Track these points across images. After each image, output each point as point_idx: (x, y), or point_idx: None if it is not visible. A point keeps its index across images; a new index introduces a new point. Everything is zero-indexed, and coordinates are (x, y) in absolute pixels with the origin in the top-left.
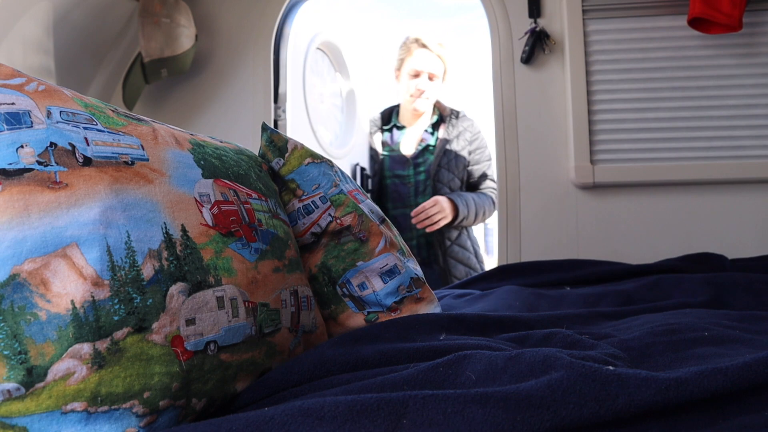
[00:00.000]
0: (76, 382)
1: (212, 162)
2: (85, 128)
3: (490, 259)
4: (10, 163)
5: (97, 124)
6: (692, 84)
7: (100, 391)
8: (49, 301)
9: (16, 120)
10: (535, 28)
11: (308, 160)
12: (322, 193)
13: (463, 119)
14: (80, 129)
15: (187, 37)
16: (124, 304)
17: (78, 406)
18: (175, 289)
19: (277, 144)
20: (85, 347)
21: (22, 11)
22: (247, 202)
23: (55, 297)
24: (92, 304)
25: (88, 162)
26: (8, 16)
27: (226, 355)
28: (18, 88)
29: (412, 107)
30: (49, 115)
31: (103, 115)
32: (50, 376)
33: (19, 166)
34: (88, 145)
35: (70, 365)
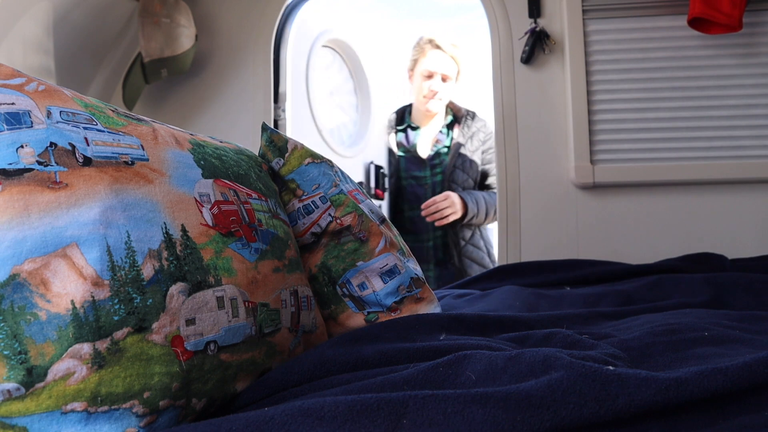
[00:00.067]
0: (76, 382)
1: (212, 162)
2: (85, 128)
3: None
4: (10, 163)
5: (97, 124)
6: (692, 84)
7: (100, 391)
8: (49, 301)
9: (16, 120)
10: (535, 28)
11: (308, 160)
12: (322, 193)
13: (476, 120)
14: (80, 129)
15: (187, 37)
16: (124, 304)
17: (78, 406)
18: (175, 289)
19: (277, 144)
20: (85, 347)
21: (22, 11)
22: (247, 202)
23: (55, 297)
24: (92, 304)
25: (88, 162)
26: (8, 16)
27: (226, 355)
28: (18, 88)
29: (425, 108)
30: (49, 115)
31: (103, 115)
32: (50, 376)
33: (19, 166)
34: (88, 145)
35: (70, 365)
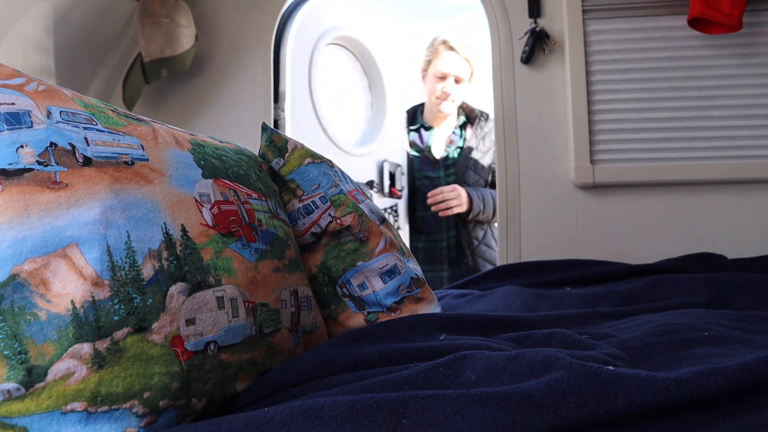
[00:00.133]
0: (76, 382)
1: (212, 162)
2: (85, 128)
3: None
4: (10, 163)
5: (97, 124)
6: (692, 84)
7: (100, 391)
8: (49, 301)
9: (16, 120)
10: (535, 28)
11: (308, 160)
12: (322, 193)
13: (489, 121)
14: (80, 129)
15: (187, 37)
16: (124, 304)
17: (78, 406)
18: (175, 289)
19: (277, 144)
20: (85, 347)
21: (22, 11)
22: (247, 202)
23: (55, 297)
24: (92, 304)
25: (88, 162)
26: (8, 16)
27: (226, 355)
28: (18, 88)
29: (438, 109)
30: (49, 115)
31: (103, 115)
32: (50, 376)
33: (19, 166)
34: (88, 145)
35: (70, 365)
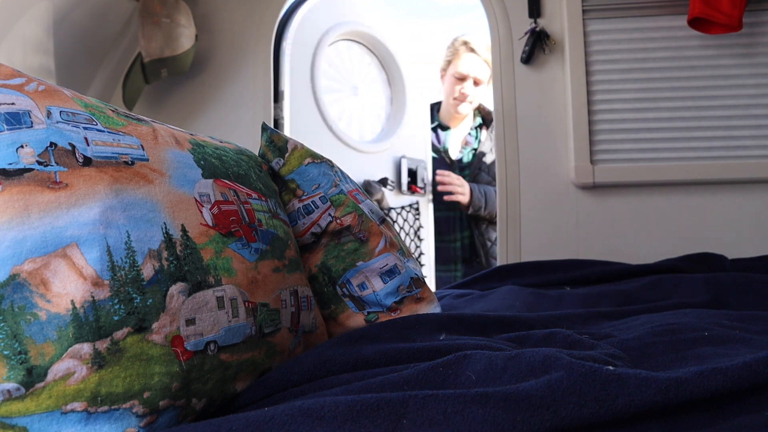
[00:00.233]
0: (76, 382)
1: (212, 162)
2: (85, 128)
3: None
4: (10, 163)
5: (97, 124)
6: (692, 84)
7: (100, 391)
8: (49, 301)
9: (16, 120)
10: (535, 28)
11: (308, 160)
12: (322, 193)
13: None
14: (80, 129)
15: (187, 37)
16: (124, 304)
17: (78, 406)
18: (175, 289)
19: (277, 144)
20: (85, 347)
21: (22, 11)
22: (247, 202)
23: (55, 297)
24: (92, 304)
25: (88, 162)
26: (8, 16)
27: (226, 355)
28: (18, 88)
29: (455, 110)
30: (49, 115)
31: (103, 115)
32: (50, 376)
33: (19, 166)
34: (88, 145)
35: (70, 365)
